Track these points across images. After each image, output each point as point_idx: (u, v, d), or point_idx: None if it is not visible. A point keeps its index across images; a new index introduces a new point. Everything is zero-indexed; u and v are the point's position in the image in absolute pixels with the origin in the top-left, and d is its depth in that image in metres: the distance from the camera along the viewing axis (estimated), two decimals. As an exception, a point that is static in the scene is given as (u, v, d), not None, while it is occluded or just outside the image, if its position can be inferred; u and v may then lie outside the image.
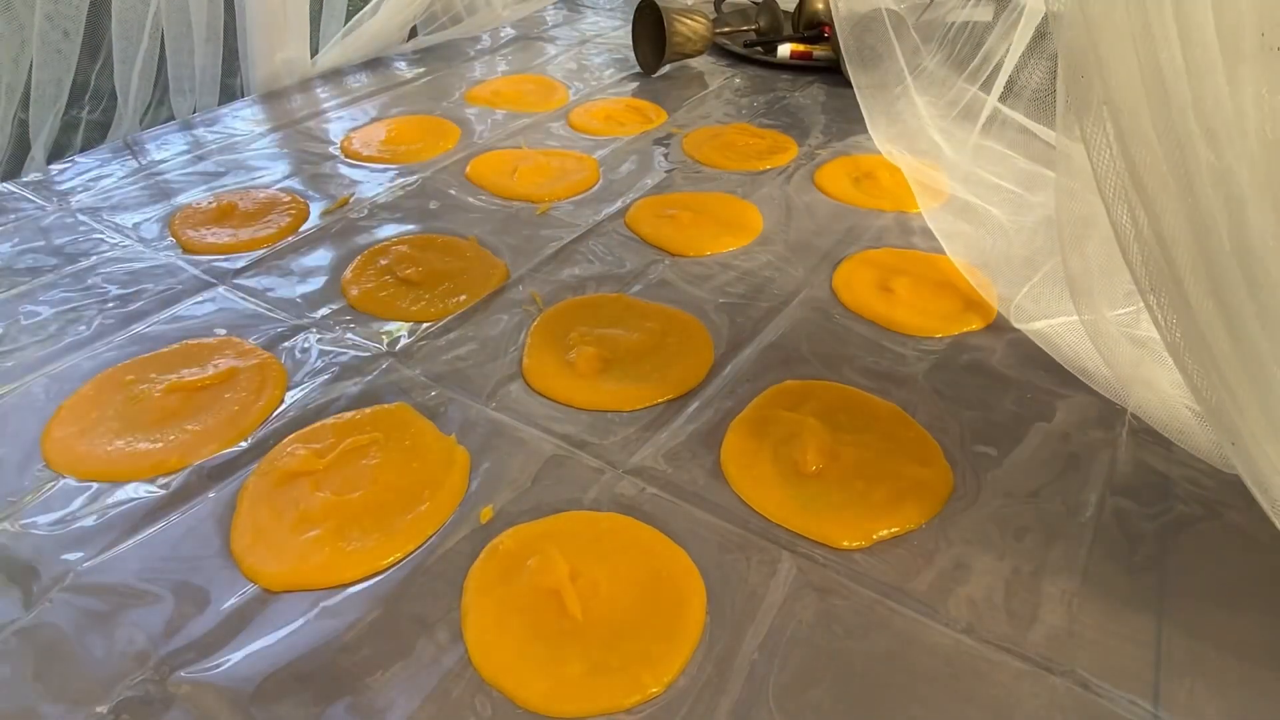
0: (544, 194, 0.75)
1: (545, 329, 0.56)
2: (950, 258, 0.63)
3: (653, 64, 1.07)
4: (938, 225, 0.68)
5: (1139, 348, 0.46)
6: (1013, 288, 0.59)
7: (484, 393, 0.51)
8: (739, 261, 0.65)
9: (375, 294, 0.60)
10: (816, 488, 0.44)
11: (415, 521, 0.42)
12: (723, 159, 0.83)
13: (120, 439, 0.46)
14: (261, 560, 0.39)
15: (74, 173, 0.78)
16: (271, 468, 0.45)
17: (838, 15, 0.82)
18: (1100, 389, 0.50)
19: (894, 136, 0.80)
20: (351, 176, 0.79)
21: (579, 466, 0.45)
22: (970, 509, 0.43)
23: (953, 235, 0.66)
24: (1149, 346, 0.46)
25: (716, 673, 0.35)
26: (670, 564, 0.39)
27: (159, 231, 0.68)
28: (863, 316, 0.59)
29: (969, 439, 0.48)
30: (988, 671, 0.35)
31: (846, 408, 0.49)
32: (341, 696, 0.34)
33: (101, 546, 0.40)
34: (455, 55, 1.14)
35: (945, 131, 0.78)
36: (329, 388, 0.51)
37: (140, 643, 0.36)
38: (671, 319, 0.57)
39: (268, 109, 0.94)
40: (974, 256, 0.63)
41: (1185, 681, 0.35)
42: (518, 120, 0.93)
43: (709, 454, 0.46)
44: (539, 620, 0.37)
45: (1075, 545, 0.41)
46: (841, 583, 0.39)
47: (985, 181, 0.72)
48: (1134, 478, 0.45)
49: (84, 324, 0.56)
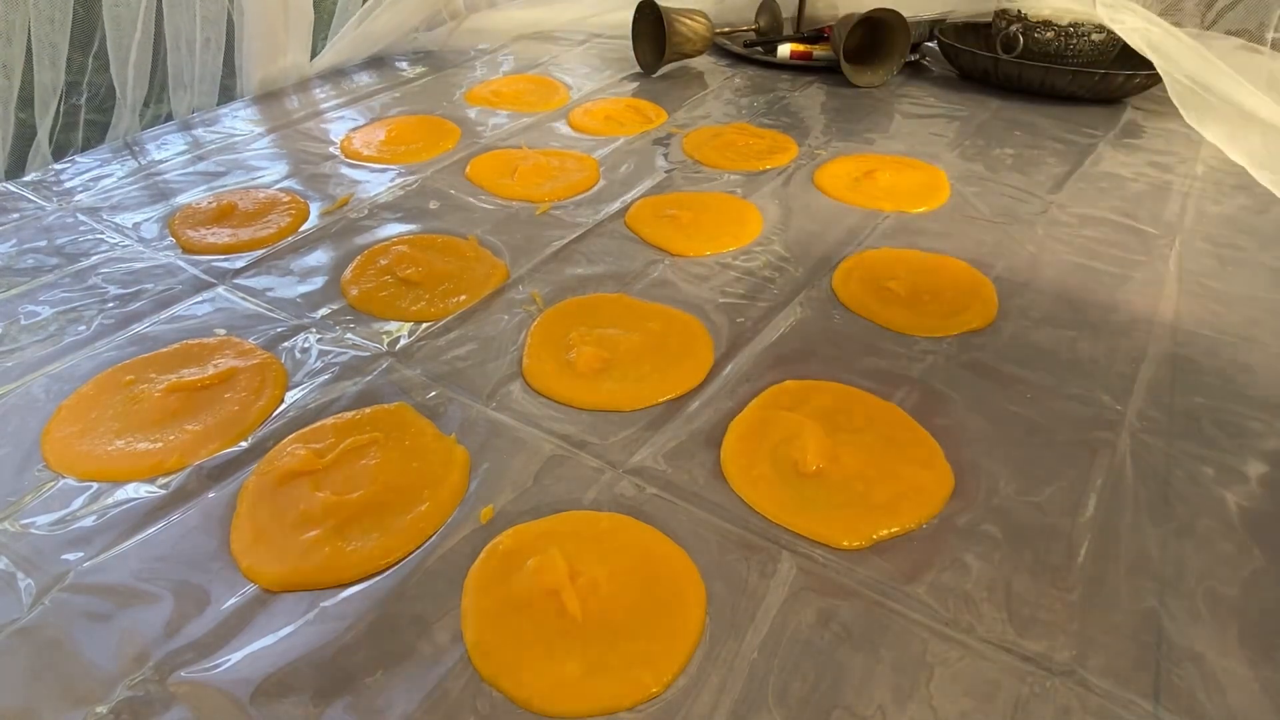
0: (544, 194, 0.75)
1: (545, 329, 0.56)
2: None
3: (653, 64, 1.07)
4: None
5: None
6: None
7: (484, 393, 0.51)
8: (739, 261, 0.65)
9: (375, 294, 0.60)
10: (816, 488, 0.44)
11: (415, 521, 0.42)
12: (723, 159, 0.83)
13: (120, 439, 0.46)
14: (261, 560, 0.39)
15: (74, 172, 0.78)
16: (271, 468, 0.45)
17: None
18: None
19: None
20: (351, 176, 0.79)
21: (579, 466, 0.45)
22: (970, 509, 0.43)
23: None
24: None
25: (716, 673, 0.35)
26: (670, 564, 0.39)
27: (159, 231, 0.68)
28: (863, 316, 0.59)
29: (968, 439, 0.48)
30: (988, 672, 0.35)
31: (846, 408, 0.49)
32: (341, 696, 0.34)
33: (101, 546, 0.40)
34: (456, 55, 1.14)
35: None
36: (329, 388, 0.51)
37: (140, 643, 0.36)
38: (671, 319, 0.57)
39: (267, 109, 0.94)
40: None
41: (1185, 682, 0.35)
42: (518, 120, 0.93)
43: (709, 454, 0.46)
44: (539, 620, 0.37)
45: (1075, 545, 0.41)
46: (841, 583, 0.39)
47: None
48: (1134, 478, 0.45)
49: (84, 324, 0.56)
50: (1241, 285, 0.63)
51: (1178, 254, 0.67)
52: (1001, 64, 1.00)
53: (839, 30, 1.03)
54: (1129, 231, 0.70)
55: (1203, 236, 0.70)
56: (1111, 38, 0.96)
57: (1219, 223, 0.72)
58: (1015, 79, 1.00)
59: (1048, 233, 0.70)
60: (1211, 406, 0.50)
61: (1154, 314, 0.59)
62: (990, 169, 0.82)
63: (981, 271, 0.64)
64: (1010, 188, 0.78)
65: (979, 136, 0.90)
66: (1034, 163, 0.83)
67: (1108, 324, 0.58)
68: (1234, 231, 0.70)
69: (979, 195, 0.76)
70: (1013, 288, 0.62)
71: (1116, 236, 0.69)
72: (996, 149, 0.86)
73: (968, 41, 1.08)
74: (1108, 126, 0.92)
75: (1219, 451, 0.47)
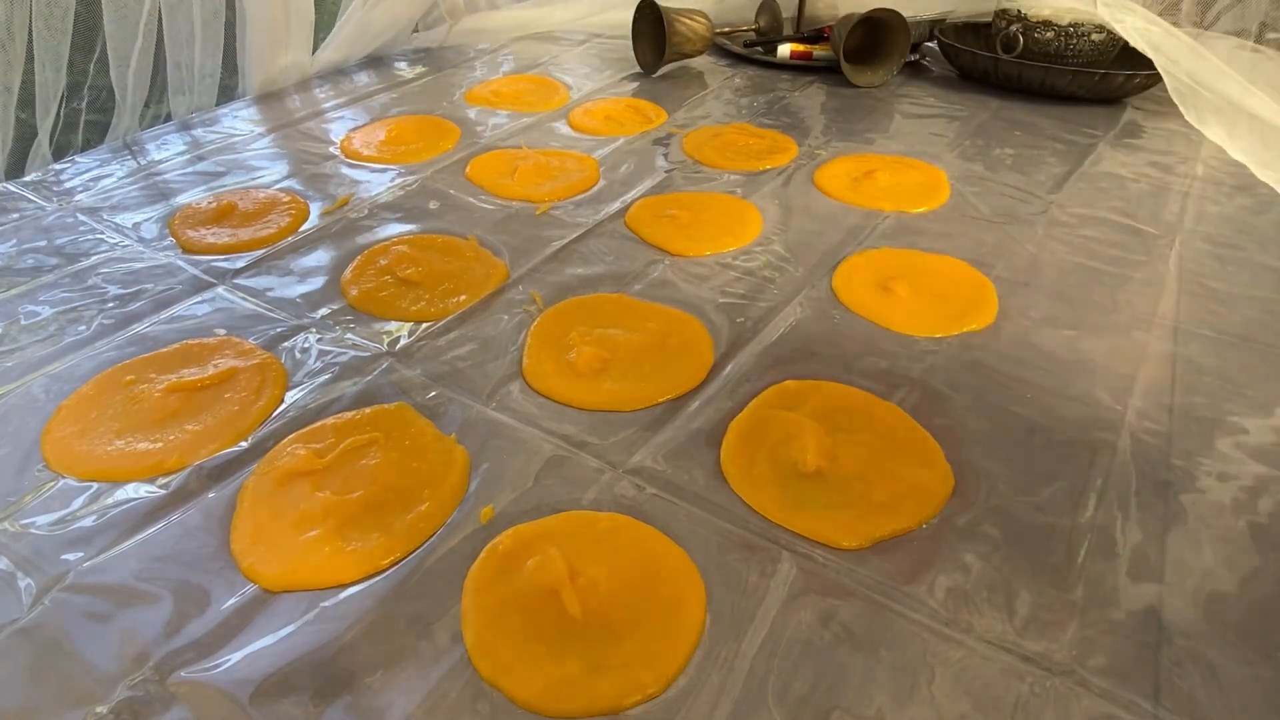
0: (544, 194, 0.75)
1: (545, 329, 0.56)
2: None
3: (653, 64, 1.07)
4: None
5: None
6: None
7: (484, 393, 0.51)
8: (739, 261, 0.65)
9: (375, 294, 0.60)
10: (816, 488, 0.44)
11: (415, 521, 0.42)
12: (723, 159, 0.83)
13: (120, 439, 0.46)
14: (261, 560, 0.39)
15: (74, 172, 0.78)
16: (271, 468, 0.45)
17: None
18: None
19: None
20: (351, 176, 0.79)
21: (579, 466, 0.45)
22: (970, 509, 0.43)
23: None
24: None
25: (716, 673, 0.35)
26: (670, 564, 0.39)
27: (159, 231, 0.68)
28: (863, 316, 0.59)
29: (968, 439, 0.47)
30: (988, 672, 0.35)
31: (846, 408, 0.49)
32: (341, 696, 0.34)
33: (101, 546, 0.40)
34: (455, 55, 1.14)
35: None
36: (329, 388, 0.51)
37: (140, 643, 0.36)
38: (671, 319, 0.57)
39: (267, 109, 0.94)
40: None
41: (1185, 682, 0.35)
42: (518, 120, 0.93)
43: (709, 454, 0.46)
44: (539, 620, 0.37)
45: (1075, 545, 0.41)
46: (841, 583, 0.39)
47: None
48: (1134, 478, 0.45)
49: (84, 324, 0.56)
50: (1241, 285, 0.63)
51: (1178, 254, 0.67)
52: (1001, 64, 1.00)
53: (839, 30, 1.03)
54: (1129, 231, 0.70)
55: (1203, 236, 0.70)
56: (1111, 38, 0.96)
57: (1219, 223, 0.72)
58: (1015, 79, 1.00)
59: (1048, 233, 0.70)
60: (1211, 406, 0.50)
61: (1154, 314, 0.59)
62: (990, 169, 0.82)
63: (981, 271, 0.64)
64: (1010, 188, 0.78)
65: (979, 136, 0.90)
66: (1034, 163, 0.83)
67: (1108, 324, 0.58)
68: (1234, 231, 0.70)
69: (979, 195, 0.76)
70: (1013, 288, 0.62)
71: (1116, 236, 0.69)
72: (996, 149, 0.86)
73: (968, 41, 1.08)
74: (1108, 126, 0.92)
75: (1219, 451, 0.47)
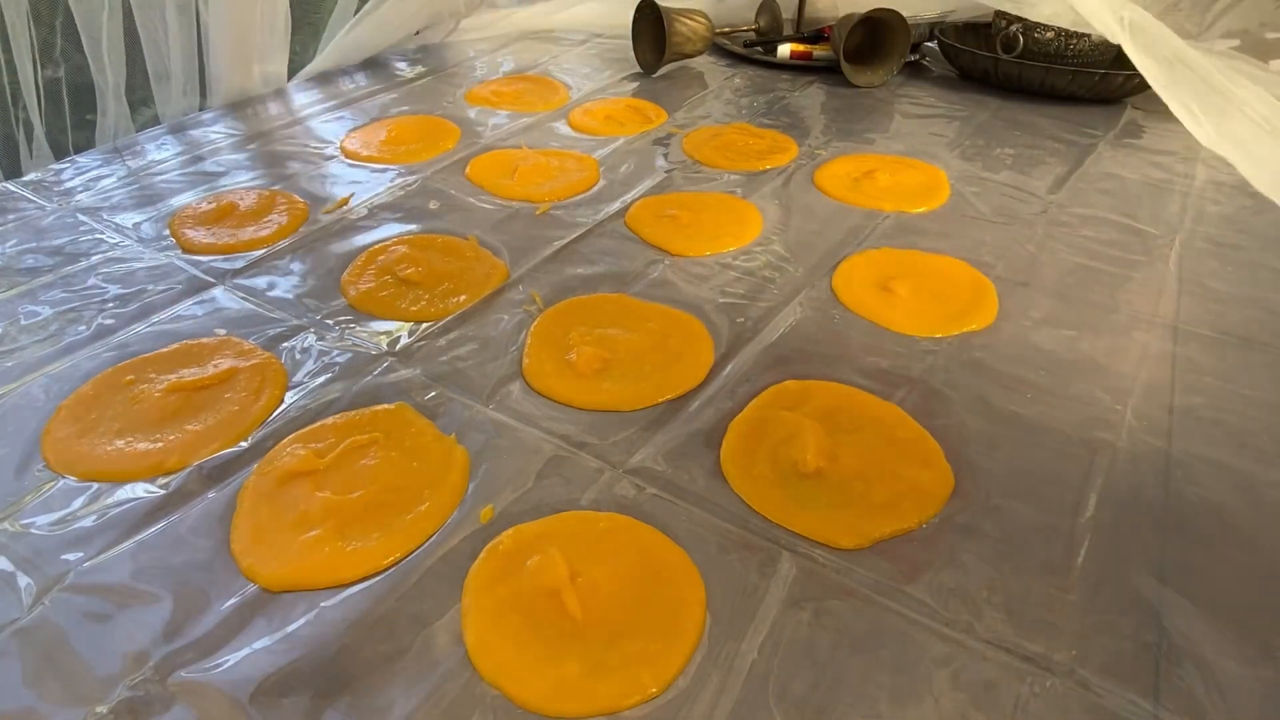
0: (544, 194, 0.75)
1: (545, 329, 0.56)
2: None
3: (653, 64, 1.07)
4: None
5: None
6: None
7: (484, 393, 0.51)
8: (739, 261, 0.65)
9: (375, 294, 0.60)
10: (816, 488, 0.44)
11: (415, 521, 0.42)
12: (723, 159, 0.83)
13: (120, 439, 0.46)
14: (261, 560, 0.39)
15: (74, 173, 0.78)
16: (271, 468, 0.45)
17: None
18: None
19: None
20: (351, 176, 0.79)
21: (579, 466, 0.45)
22: (969, 509, 0.43)
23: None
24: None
25: (716, 673, 0.35)
26: (670, 564, 0.39)
27: (158, 231, 0.68)
28: (863, 316, 0.59)
29: (968, 439, 0.48)
30: (987, 672, 0.35)
31: (846, 408, 0.49)
32: (341, 696, 0.34)
33: (101, 546, 0.40)
34: (455, 55, 1.14)
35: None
36: (329, 387, 0.51)
37: (140, 643, 0.36)
38: (671, 319, 0.57)
39: (268, 109, 0.94)
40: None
41: (1185, 682, 0.35)
42: (518, 120, 0.93)
43: (709, 454, 0.46)
44: (539, 620, 0.37)
45: (1075, 545, 0.41)
46: (841, 583, 0.39)
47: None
48: (1134, 477, 0.45)
49: (84, 324, 0.56)
50: (1241, 285, 0.63)
51: (1178, 254, 0.67)
52: (1001, 64, 1.00)
53: (839, 30, 1.03)
54: (1129, 231, 0.70)
55: (1203, 236, 0.70)
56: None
57: (1219, 223, 0.72)
58: (1015, 79, 1.00)
59: (1048, 233, 0.70)
60: (1211, 406, 0.50)
61: (1154, 314, 0.59)
62: (990, 169, 0.82)
63: (981, 271, 0.64)
64: (1010, 188, 0.78)
65: (979, 136, 0.90)
66: (1034, 163, 0.83)
67: (1108, 324, 0.58)
68: (1234, 231, 0.70)
69: (979, 195, 0.76)
70: (1012, 288, 0.62)
71: (1116, 236, 0.69)
72: (996, 149, 0.86)
73: (968, 41, 1.08)
74: (1108, 126, 0.92)
75: (1218, 452, 0.47)
